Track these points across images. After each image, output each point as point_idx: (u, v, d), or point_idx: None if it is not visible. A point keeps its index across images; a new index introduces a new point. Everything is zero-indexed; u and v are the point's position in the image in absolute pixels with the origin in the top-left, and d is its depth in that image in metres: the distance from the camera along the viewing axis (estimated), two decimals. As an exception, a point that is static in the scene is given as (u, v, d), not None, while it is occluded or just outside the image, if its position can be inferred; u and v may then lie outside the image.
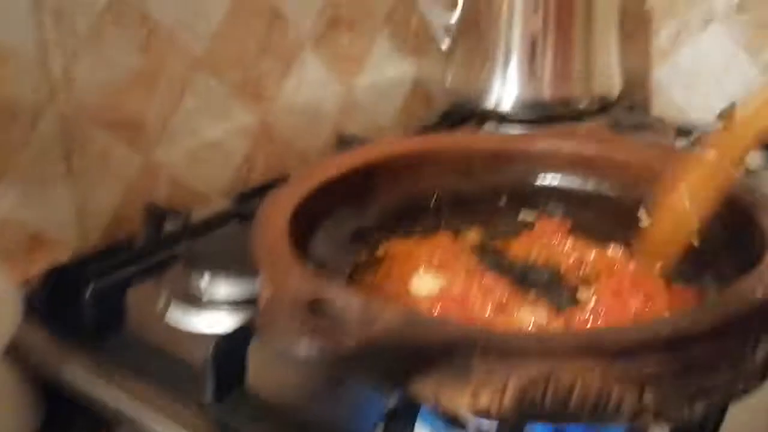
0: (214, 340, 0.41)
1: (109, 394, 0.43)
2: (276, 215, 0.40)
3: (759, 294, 0.29)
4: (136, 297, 0.51)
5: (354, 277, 0.44)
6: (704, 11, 0.92)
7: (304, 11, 0.80)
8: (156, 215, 0.59)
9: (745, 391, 0.30)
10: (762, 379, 0.30)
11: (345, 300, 0.29)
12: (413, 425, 0.36)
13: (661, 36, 0.96)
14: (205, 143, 0.72)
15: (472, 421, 0.38)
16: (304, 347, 0.25)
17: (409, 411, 0.37)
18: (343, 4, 0.85)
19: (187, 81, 0.69)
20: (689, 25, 0.93)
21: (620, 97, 0.90)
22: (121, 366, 0.45)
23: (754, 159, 0.77)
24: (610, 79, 0.89)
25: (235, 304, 0.51)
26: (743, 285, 0.30)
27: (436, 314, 0.37)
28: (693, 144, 0.76)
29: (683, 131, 0.80)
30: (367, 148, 0.52)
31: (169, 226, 0.61)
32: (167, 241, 0.58)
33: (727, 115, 0.79)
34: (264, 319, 0.27)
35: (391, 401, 0.38)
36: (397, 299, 0.40)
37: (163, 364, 0.45)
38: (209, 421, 0.40)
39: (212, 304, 0.52)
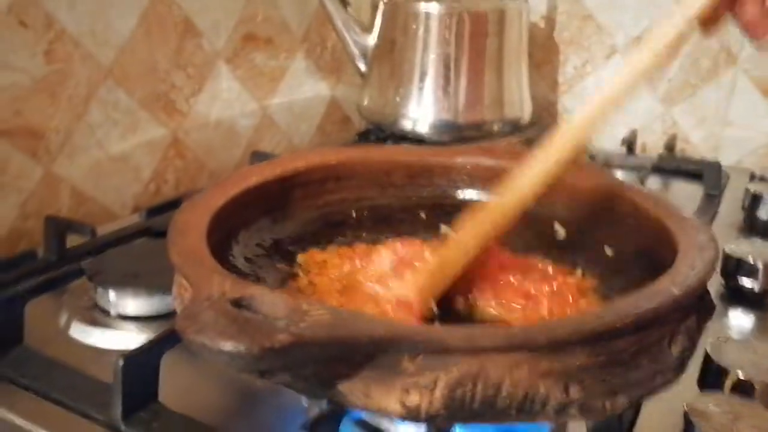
0: (123, 355, 0.39)
1: (7, 413, 0.40)
2: (194, 220, 0.38)
3: (676, 291, 0.30)
4: (36, 311, 0.47)
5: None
6: (607, 44, 0.97)
7: (218, 26, 0.79)
8: (57, 228, 0.56)
9: (665, 384, 0.30)
10: (678, 373, 0.31)
11: (272, 298, 0.28)
12: (336, 437, 0.35)
13: (568, 66, 1.01)
14: (111, 156, 0.69)
15: (396, 427, 0.37)
16: (233, 344, 0.24)
17: (332, 421, 0.36)
18: (259, 21, 0.84)
19: (93, 91, 0.66)
20: (594, 56, 0.98)
21: (530, 123, 0.94)
22: (20, 383, 0.41)
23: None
24: (520, 104, 0.92)
25: (144, 320, 0.49)
26: (660, 284, 0.32)
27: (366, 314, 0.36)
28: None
29: (589, 157, 0.84)
30: (286, 159, 0.51)
31: (72, 241, 0.57)
32: (70, 255, 0.55)
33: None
34: (186, 317, 0.25)
35: (313, 411, 0.37)
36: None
37: (66, 381, 0.42)
38: (119, 441, 0.38)
39: (120, 319, 0.49)
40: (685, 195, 0.79)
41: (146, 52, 0.71)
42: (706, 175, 0.80)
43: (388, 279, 0.41)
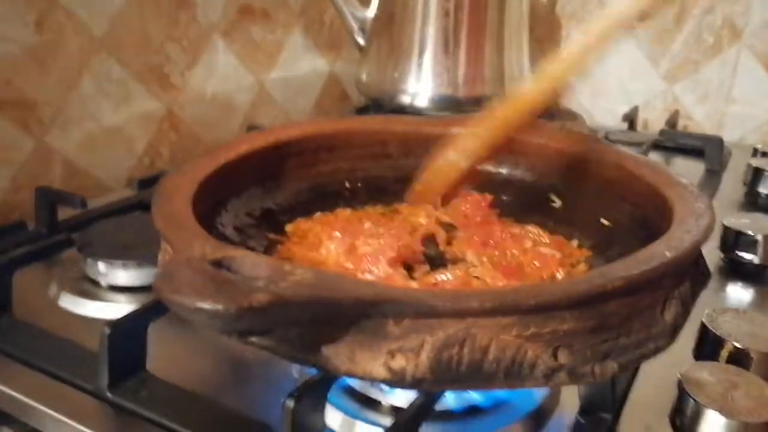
0: (109, 322, 0.38)
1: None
2: (181, 186, 0.38)
3: (669, 254, 0.30)
4: (25, 282, 0.47)
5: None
6: (609, 19, 0.95)
7: (214, -3, 0.77)
8: (48, 199, 0.55)
9: (656, 351, 0.30)
10: (672, 338, 0.31)
11: (254, 259, 0.27)
12: (324, 406, 0.35)
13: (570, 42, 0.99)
14: (104, 129, 0.68)
15: (386, 396, 0.37)
16: (210, 303, 0.23)
17: (320, 389, 0.35)
18: (256, -6, 0.83)
19: (85, 62, 0.65)
20: (595, 31, 0.97)
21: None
22: (8, 352, 0.41)
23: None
24: (521, 80, 0.90)
25: (134, 291, 0.49)
26: (654, 248, 0.31)
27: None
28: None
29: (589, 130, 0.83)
30: (280, 128, 0.50)
31: (65, 214, 0.57)
32: (61, 227, 0.55)
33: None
34: (163, 277, 0.25)
35: (300, 379, 0.36)
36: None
37: (54, 351, 0.41)
38: (105, 408, 0.37)
39: (109, 290, 0.49)
40: (687, 171, 0.78)
41: (139, 24, 0.69)
42: (708, 150, 0.79)
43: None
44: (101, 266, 0.49)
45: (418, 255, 0.40)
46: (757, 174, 0.69)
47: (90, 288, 0.49)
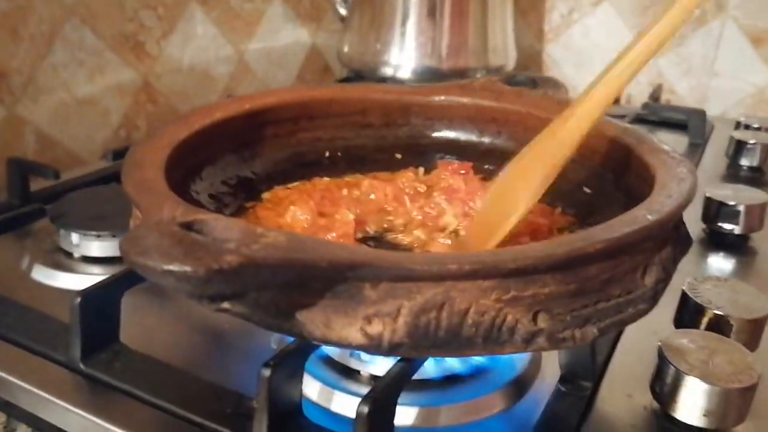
0: (80, 291, 0.37)
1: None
2: (153, 153, 0.36)
3: (650, 218, 0.29)
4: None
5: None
6: (593, -10, 0.95)
7: (190, -36, 0.75)
8: (20, 170, 0.54)
9: (637, 315, 0.29)
10: (652, 303, 0.30)
11: (225, 223, 0.26)
12: (301, 376, 0.34)
13: (555, 14, 0.98)
14: (78, 99, 0.66)
15: (365, 365, 0.36)
16: (178, 266, 0.23)
17: (296, 359, 0.35)
18: (234, -38, 0.81)
19: (57, 29, 0.63)
20: (581, 3, 0.96)
21: (514, 71, 0.92)
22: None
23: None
24: (504, 51, 0.89)
25: (108, 262, 0.48)
26: (635, 211, 0.30)
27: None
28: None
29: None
30: (257, 95, 0.49)
31: (38, 185, 0.56)
32: (34, 199, 0.53)
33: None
34: (130, 240, 0.24)
35: (278, 347, 0.36)
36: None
37: (26, 323, 0.40)
38: (78, 380, 0.36)
39: (83, 261, 0.48)
40: (670, 145, 0.77)
41: (113, -10, 0.68)
42: (691, 124, 0.78)
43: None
44: (74, 237, 0.48)
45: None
46: (739, 146, 0.69)
47: (63, 259, 0.48)
